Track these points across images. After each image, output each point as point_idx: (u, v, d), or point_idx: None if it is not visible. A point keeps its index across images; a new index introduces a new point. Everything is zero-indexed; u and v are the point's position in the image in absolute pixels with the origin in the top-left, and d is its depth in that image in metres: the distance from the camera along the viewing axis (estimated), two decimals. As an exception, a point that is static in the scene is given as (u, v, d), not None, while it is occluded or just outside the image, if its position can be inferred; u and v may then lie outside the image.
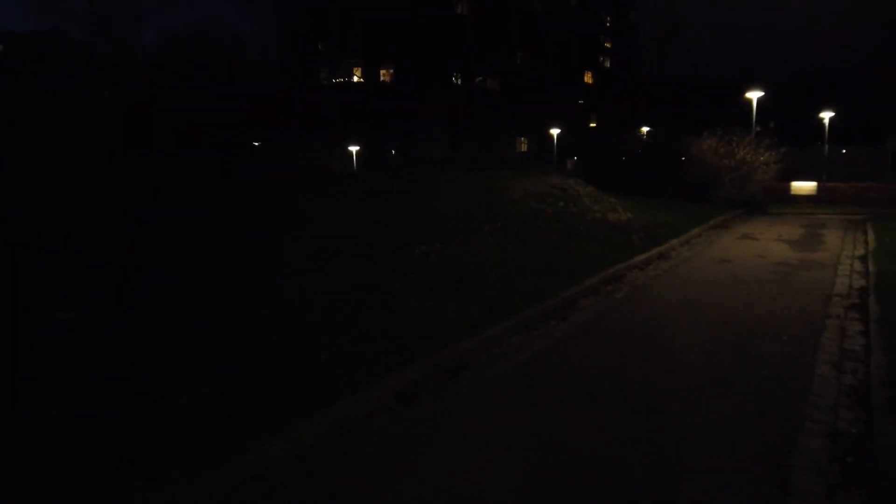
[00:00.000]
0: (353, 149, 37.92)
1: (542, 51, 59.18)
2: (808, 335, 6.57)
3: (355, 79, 49.08)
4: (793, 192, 35.82)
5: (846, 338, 6.52)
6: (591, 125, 66.39)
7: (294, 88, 47.22)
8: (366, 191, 13.66)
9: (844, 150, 40.87)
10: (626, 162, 27.79)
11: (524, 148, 59.87)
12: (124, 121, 20.00)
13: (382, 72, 48.02)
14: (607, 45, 70.58)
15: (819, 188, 35.58)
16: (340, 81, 48.74)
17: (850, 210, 35.12)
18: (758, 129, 28.47)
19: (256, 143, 38.98)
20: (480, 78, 54.91)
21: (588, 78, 68.70)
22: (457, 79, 51.12)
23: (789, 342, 6.32)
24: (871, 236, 12.61)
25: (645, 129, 40.63)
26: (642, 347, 6.17)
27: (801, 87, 62.05)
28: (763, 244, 12.52)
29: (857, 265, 10.29)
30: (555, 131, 47.79)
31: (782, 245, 12.40)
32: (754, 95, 30.29)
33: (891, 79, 59.83)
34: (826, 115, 38.60)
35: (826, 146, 38.18)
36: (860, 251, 11.59)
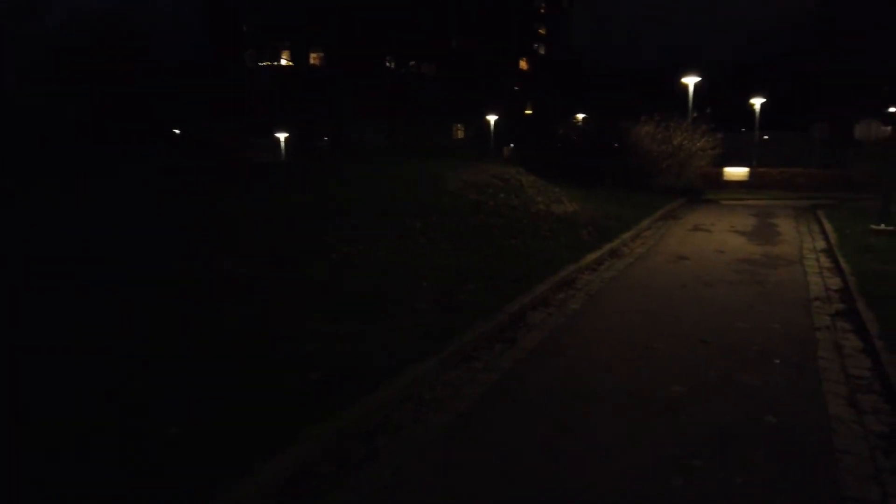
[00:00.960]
0: (282, 136, 35.69)
1: (477, 36, 57.88)
2: (801, 356, 5.41)
3: (284, 62, 46.53)
4: (726, 178, 35.81)
5: (845, 357, 5.40)
6: (528, 112, 65.75)
7: (218, 72, 44.31)
8: (284, 182, 11.92)
9: (766, 136, 41.21)
10: (564, 149, 26.77)
11: (461, 135, 58.61)
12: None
13: (313, 55, 45.68)
14: (541, 31, 69.93)
15: (751, 174, 35.74)
16: (268, 65, 46.07)
17: (782, 195, 35.45)
18: (694, 114, 27.97)
19: (177, 132, 36.20)
20: (415, 63, 53.24)
21: (524, 64, 67.96)
22: (391, 63, 49.27)
23: (784, 367, 5.13)
24: (828, 227, 11.81)
25: (581, 116, 39.98)
26: (609, 381, 4.85)
27: (732, 74, 63.02)
28: (718, 237, 11.53)
29: (825, 261, 9.35)
30: (492, 118, 46.58)
31: (738, 238, 11.44)
32: (691, 81, 29.82)
33: (813, 68, 61.57)
34: (757, 102, 38.83)
35: (757, 132, 38.43)
36: (821, 244, 10.73)
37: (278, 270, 6.89)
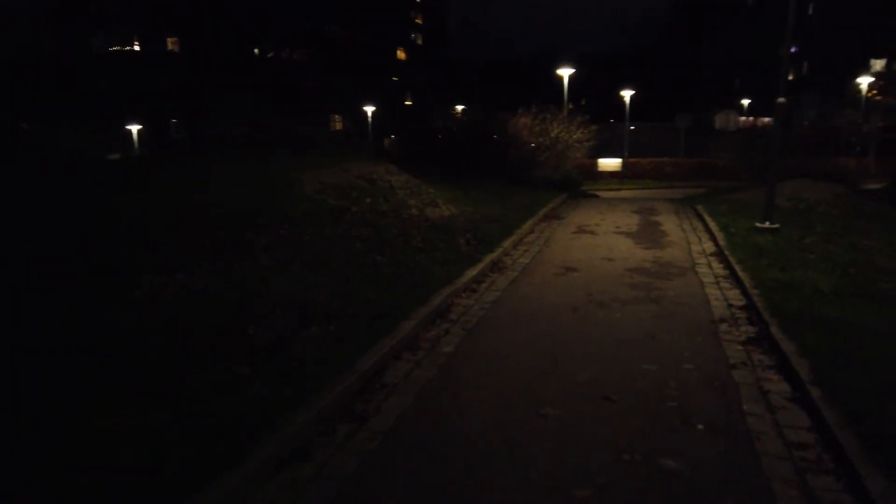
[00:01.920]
0: (134, 128, 31.87)
1: (352, 24, 55.56)
2: (726, 413, 4.28)
3: (137, 48, 41.97)
4: (600, 169, 36.35)
5: (776, 411, 4.32)
6: (407, 103, 64.38)
7: (59, 58, 39.15)
8: (101, 185, 9.61)
9: (633, 127, 42.40)
10: (443, 142, 25.45)
11: (339, 126, 56.27)
12: None
13: (170, 41, 41.53)
14: (418, 21, 68.60)
15: (623, 165, 36.45)
16: (118, 51, 41.29)
17: (654, 184, 36.44)
18: (570, 106, 27.66)
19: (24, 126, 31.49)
20: (287, 51, 50.18)
21: (402, 54, 66.35)
22: (259, 51, 45.97)
23: (711, 437, 3.95)
24: (712, 224, 11.21)
25: (460, 108, 39.08)
26: (488, 484, 3.43)
27: (604, 66, 64.83)
28: (604, 240, 10.58)
29: (719, 267, 8.55)
30: (370, 109, 44.66)
31: (625, 241, 10.55)
32: (565, 73, 29.58)
33: (676, 60, 64.67)
34: (626, 94, 39.66)
35: (627, 123, 39.27)
36: (709, 245, 10.02)
37: (57, 319, 4.91)
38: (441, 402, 4.49)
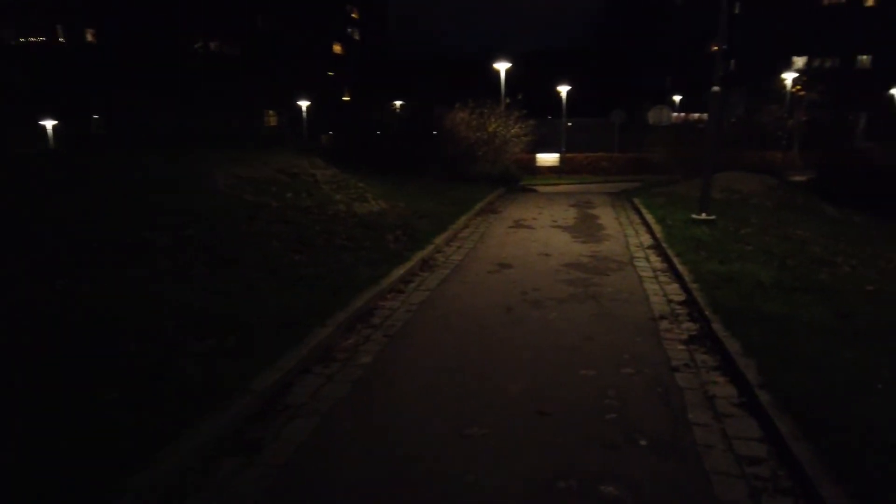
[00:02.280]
0: (49, 123, 29.76)
1: (286, 17, 53.96)
2: (671, 426, 3.83)
3: (60, 39, 39.39)
4: (539, 164, 36.30)
5: (724, 420, 3.90)
6: (345, 98, 63.10)
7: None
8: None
9: (570, 123, 42.62)
10: (381, 137, 24.70)
11: (274, 122, 54.62)
12: None
13: (89, 31, 39.18)
14: (354, 15, 67.36)
15: (561, 160, 36.55)
16: (31, 42, 38.62)
17: (591, 178, 36.65)
18: (507, 101, 27.38)
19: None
20: (216, 43, 48.27)
21: (338, 49, 64.99)
22: (187, 43, 44.00)
23: (655, 456, 3.49)
24: (649, 217, 10.96)
25: (399, 103, 38.38)
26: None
27: (541, 62, 65.18)
28: (541, 234, 10.16)
29: (657, 260, 8.22)
30: (306, 104, 43.37)
31: (562, 234, 10.15)
32: (502, 67, 29.33)
33: (611, 57, 65.66)
34: (563, 89, 39.79)
35: (565, 119, 39.41)
36: (646, 238, 9.73)
37: None
38: (351, 425, 3.87)
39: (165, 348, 4.43)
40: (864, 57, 54.68)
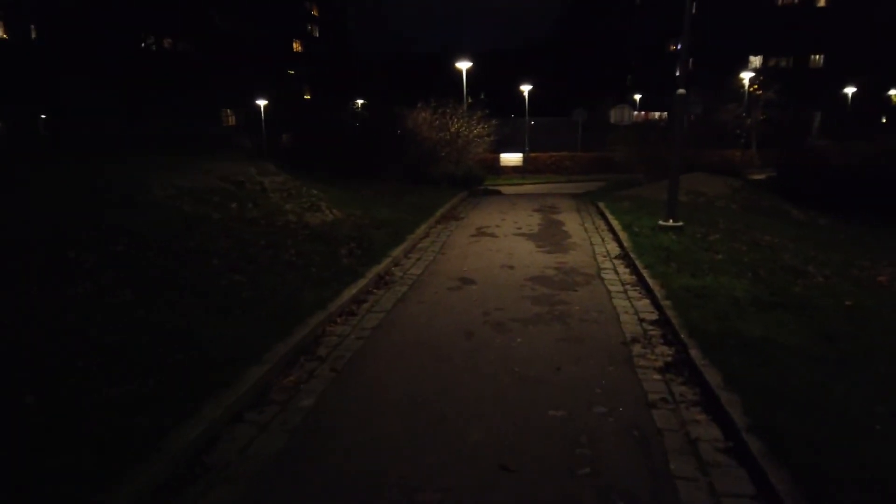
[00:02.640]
0: (-10, 125, 28.20)
1: (243, 13, 52.60)
2: (650, 481, 3.37)
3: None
4: (503, 164, 35.99)
5: (711, 470, 3.45)
6: (307, 97, 61.91)
7: None
8: None
9: (533, 122, 42.41)
10: (340, 139, 23.97)
11: (232, 122, 53.23)
12: None
13: (34, 27, 37.38)
14: (314, 12, 66.14)
15: (525, 160, 36.28)
16: (-30, 37, 36.66)
17: (554, 178, 36.47)
18: (469, 100, 26.93)
19: None
20: (170, 41, 46.70)
21: (298, 47, 63.73)
22: (137, 40, 42.42)
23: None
24: (614, 222, 10.58)
25: (360, 102, 37.63)
26: None
27: (504, 61, 65.02)
28: (505, 244, 9.66)
29: (625, 272, 7.81)
30: (263, 103, 42.23)
31: (526, 243, 9.68)
32: (464, 66, 28.86)
33: (572, 56, 65.79)
34: (525, 88, 39.54)
35: (528, 118, 39.17)
36: (613, 247, 9.33)
37: None
38: (282, 495, 3.29)
39: (70, 397, 3.78)
40: (817, 56, 55.86)
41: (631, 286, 7.19)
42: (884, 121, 50.94)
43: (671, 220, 9.80)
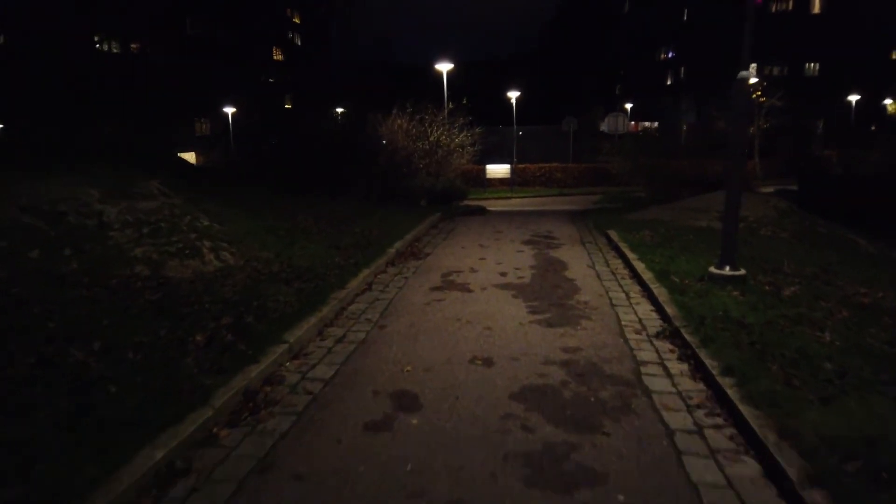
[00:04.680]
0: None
1: (219, 19, 49.14)
2: None
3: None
4: (488, 176, 32.51)
5: None
6: (287, 106, 58.49)
7: None
8: None
9: (521, 132, 39.15)
10: (305, 149, 20.31)
11: (207, 130, 49.71)
12: None
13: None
14: (296, 20, 62.76)
15: (512, 171, 32.89)
16: None
17: (545, 191, 33.10)
18: (450, 105, 23.58)
19: None
20: (137, 46, 43.21)
21: (278, 55, 60.30)
22: (101, 45, 38.93)
23: None
24: (639, 266, 7.19)
25: (340, 110, 34.22)
26: None
27: (490, 69, 61.97)
28: (481, 307, 6.18)
29: (684, 377, 4.37)
30: (232, 111, 38.76)
31: (513, 305, 6.22)
32: (444, 67, 25.57)
33: (560, 64, 62.76)
34: (513, 94, 36.28)
35: (515, 127, 35.91)
36: (647, 311, 5.90)
37: None
38: None
39: None
40: (813, 64, 53.09)
41: (707, 414, 3.78)
42: (873, 128, 48.15)
43: (727, 268, 6.43)
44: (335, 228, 9.32)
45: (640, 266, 7.18)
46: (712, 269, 6.47)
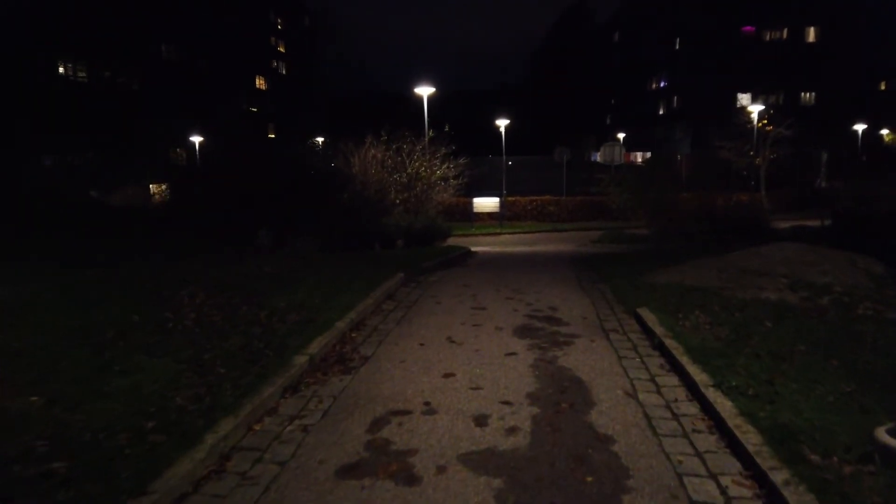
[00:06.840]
0: None
1: (197, 46, 46.37)
2: None
3: None
4: (476, 210, 29.33)
5: None
6: (271, 136, 55.55)
7: None
8: None
9: (511, 162, 36.21)
10: (258, 182, 16.88)
11: (184, 160, 46.53)
12: None
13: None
14: (281, 49, 60.22)
15: (501, 204, 29.78)
16: None
17: (537, 226, 29.88)
18: (431, 133, 20.47)
19: None
20: (109, 73, 40.27)
21: (261, 83, 57.57)
22: (70, 71, 36.00)
23: None
24: (729, 411, 3.91)
25: (320, 140, 31.15)
26: None
27: (480, 100, 59.51)
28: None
29: None
30: (199, 140, 35.74)
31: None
32: (425, 92, 22.57)
33: (550, 94, 60.41)
34: (502, 123, 33.40)
35: (504, 157, 32.98)
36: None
37: None
38: None
39: None
40: (809, 94, 50.83)
41: None
42: (864, 158, 45.64)
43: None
44: (233, 311, 6.02)
45: (724, 406, 3.91)
46: (884, 437, 3.21)
